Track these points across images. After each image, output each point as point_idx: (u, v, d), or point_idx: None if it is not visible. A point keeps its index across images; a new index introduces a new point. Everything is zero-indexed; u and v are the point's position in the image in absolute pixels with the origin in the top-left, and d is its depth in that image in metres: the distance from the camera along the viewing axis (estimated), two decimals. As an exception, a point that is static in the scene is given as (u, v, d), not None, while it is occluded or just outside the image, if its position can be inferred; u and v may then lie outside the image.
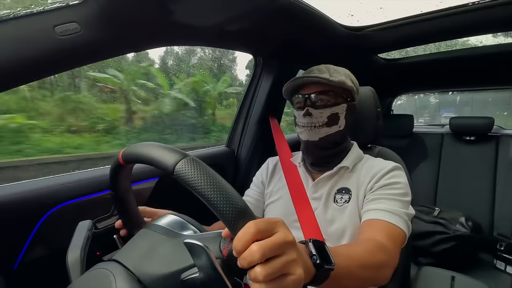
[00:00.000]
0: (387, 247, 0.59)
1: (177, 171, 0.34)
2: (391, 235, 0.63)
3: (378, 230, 0.63)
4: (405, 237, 0.66)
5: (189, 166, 0.34)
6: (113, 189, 0.52)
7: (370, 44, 1.35)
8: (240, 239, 0.31)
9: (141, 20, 0.67)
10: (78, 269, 0.46)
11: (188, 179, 0.34)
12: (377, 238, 0.61)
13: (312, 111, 0.75)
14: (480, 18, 1.06)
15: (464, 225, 1.57)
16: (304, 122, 0.77)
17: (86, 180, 0.81)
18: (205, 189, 0.33)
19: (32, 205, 0.69)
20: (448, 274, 0.95)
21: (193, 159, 0.35)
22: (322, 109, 0.75)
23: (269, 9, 0.83)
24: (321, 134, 0.76)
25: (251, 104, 1.32)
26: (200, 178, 0.33)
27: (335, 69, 0.79)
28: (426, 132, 2.13)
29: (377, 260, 0.55)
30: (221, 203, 0.32)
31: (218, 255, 0.37)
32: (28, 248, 0.68)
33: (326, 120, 0.75)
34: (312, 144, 0.79)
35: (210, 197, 0.33)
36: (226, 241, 0.38)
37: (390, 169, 0.75)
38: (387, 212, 0.66)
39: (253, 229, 0.31)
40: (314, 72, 0.78)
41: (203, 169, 0.34)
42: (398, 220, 0.65)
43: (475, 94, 4.04)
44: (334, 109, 0.76)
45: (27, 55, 0.56)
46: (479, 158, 1.85)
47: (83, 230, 0.52)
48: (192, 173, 0.34)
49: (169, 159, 0.36)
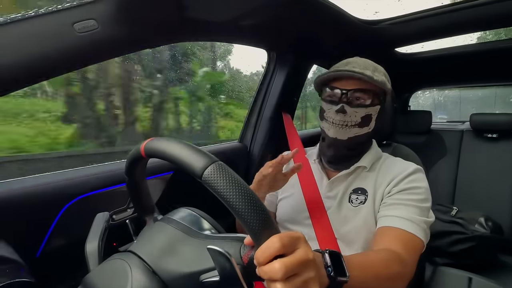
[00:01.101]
0: (404, 258, 0.57)
1: (205, 177, 0.34)
2: (408, 245, 0.61)
3: (394, 239, 0.61)
4: (423, 246, 0.64)
5: (218, 173, 0.34)
6: (128, 174, 0.52)
7: (387, 38, 1.31)
8: (264, 252, 0.32)
9: (156, 16, 0.68)
10: (96, 259, 0.48)
11: (216, 186, 0.34)
12: (394, 248, 0.59)
13: (347, 109, 0.71)
14: (503, 10, 1.00)
15: (484, 225, 1.51)
16: (336, 119, 0.73)
17: (104, 173, 0.83)
18: (233, 198, 0.33)
19: (53, 197, 0.72)
20: (465, 275, 0.92)
21: (221, 165, 0.35)
22: (357, 108, 0.71)
23: (283, 3, 0.82)
24: (351, 134, 0.73)
25: (264, 99, 1.31)
26: (228, 186, 0.33)
27: (375, 66, 0.75)
28: (445, 129, 2.06)
29: (393, 272, 0.54)
30: (247, 213, 0.33)
31: (238, 261, 0.38)
32: (50, 237, 0.71)
33: (359, 121, 0.72)
34: (339, 143, 0.75)
35: (237, 206, 0.33)
36: (247, 247, 0.39)
37: (411, 172, 0.72)
38: (404, 220, 0.64)
39: (277, 244, 0.32)
40: (355, 66, 0.72)
41: (232, 176, 0.34)
42: (416, 228, 0.63)
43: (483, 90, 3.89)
44: (369, 110, 0.72)
45: (47, 52, 0.58)
46: (501, 156, 1.78)
47: (101, 222, 0.54)
48: (220, 180, 0.34)
49: (197, 163, 0.35)
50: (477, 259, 1.48)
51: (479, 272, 0.94)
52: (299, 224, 0.80)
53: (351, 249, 0.72)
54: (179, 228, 0.46)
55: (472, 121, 1.89)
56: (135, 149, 0.46)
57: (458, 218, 1.58)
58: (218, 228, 0.48)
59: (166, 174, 0.98)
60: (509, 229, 1.63)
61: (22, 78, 0.57)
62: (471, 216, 1.57)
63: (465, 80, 2.14)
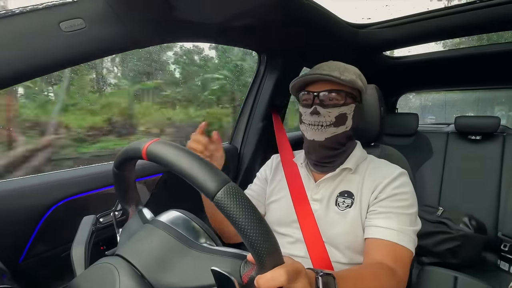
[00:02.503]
0: (396, 272, 0.59)
1: (217, 199, 0.33)
2: (400, 258, 0.63)
3: (387, 253, 0.63)
4: (412, 256, 0.66)
5: (231, 196, 0.33)
6: (118, 168, 0.50)
7: (376, 41, 1.34)
8: (268, 281, 0.34)
9: (145, 16, 0.67)
10: (82, 263, 0.47)
11: (228, 209, 0.33)
12: (386, 262, 0.61)
13: (320, 110, 0.73)
14: (488, 16, 1.04)
15: (468, 225, 1.55)
16: (311, 120, 0.75)
17: (90, 175, 0.82)
18: (244, 223, 0.33)
19: (37, 200, 0.70)
20: (451, 274, 0.94)
21: (234, 187, 0.34)
22: (330, 108, 0.73)
23: (273, 6, 0.82)
24: (327, 134, 0.74)
25: (254, 101, 1.32)
26: (240, 211, 0.33)
27: (346, 67, 0.77)
28: (431, 131, 2.11)
29: (386, 287, 0.56)
30: (257, 240, 0.33)
31: (238, 280, 0.38)
32: (33, 242, 0.69)
33: (334, 120, 0.73)
34: (317, 144, 0.76)
35: (247, 232, 0.33)
36: (247, 266, 0.39)
37: (396, 177, 0.73)
38: (395, 232, 0.65)
39: (283, 278, 0.34)
40: (324, 69, 0.75)
41: (244, 201, 0.34)
42: (407, 240, 0.65)
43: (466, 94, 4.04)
44: (343, 109, 0.73)
45: (32, 51, 0.56)
46: (484, 157, 1.83)
47: (87, 225, 0.53)
48: (233, 204, 0.33)
49: (210, 183, 0.34)
50: (462, 258, 1.52)
51: (464, 271, 0.97)
52: (287, 226, 0.81)
53: (340, 252, 0.73)
54: (173, 235, 0.45)
55: (456, 124, 1.94)
56: (134, 147, 0.42)
57: (444, 218, 1.62)
58: (215, 240, 0.48)
59: (155, 176, 0.97)
60: (492, 228, 1.68)
61: (4, 77, 0.56)
62: (456, 216, 1.61)
63: (450, 84, 2.21)
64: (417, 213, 0.71)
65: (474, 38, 1.74)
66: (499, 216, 1.70)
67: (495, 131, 1.84)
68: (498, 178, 1.76)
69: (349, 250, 0.72)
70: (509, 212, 1.66)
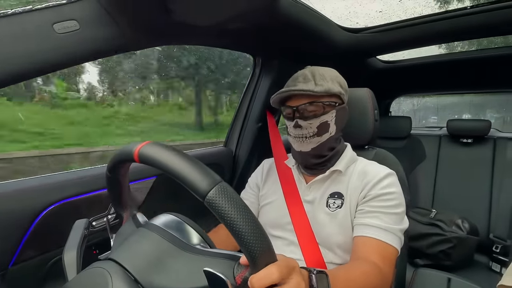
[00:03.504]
0: (382, 270, 0.61)
1: (209, 199, 0.33)
2: (385, 256, 0.65)
3: (373, 250, 0.65)
4: (397, 254, 0.68)
5: (222, 196, 0.33)
6: (110, 172, 0.49)
7: (369, 46, 1.36)
8: (260, 279, 0.34)
9: (140, 19, 0.67)
10: (74, 268, 0.46)
11: (219, 209, 0.33)
12: (372, 259, 0.63)
13: (302, 123, 0.74)
14: (478, 21, 1.06)
15: (461, 227, 1.57)
16: (295, 133, 0.77)
17: (83, 178, 0.81)
18: (236, 222, 0.33)
19: (28, 203, 0.69)
20: (444, 276, 0.95)
21: (225, 187, 0.34)
22: (311, 120, 0.74)
23: (269, 10, 0.83)
24: (313, 144, 0.76)
25: (249, 104, 1.32)
26: (232, 210, 0.33)
27: (322, 74, 0.76)
28: (423, 134, 2.14)
29: (373, 284, 0.58)
30: (249, 239, 0.33)
31: (231, 281, 0.37)
32: (24, 246, 0.68)
33: (316, 130, 0.74)
34: (305, 154, 0.78)
35: (240, 231, 0.33)
36: (241, 267, 0.38)
37: (384, 177, 0.74)
38: (382, 230, 0.67)
39: (275, 275, 0.34)
40: (300, 80, 0.76)
41: (236, 201, 0.33)
42: (392, 238, 0.67)
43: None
44: (323, 118, 0.74)
45: (25, 52, 0.55)
46: (476, 160, 1.86)
47: (80, 229, 0.52)
48: (224, 204, 0.33)
49: (201, 183, 0.34)
50: (455, 260, 1.54)
51: (457, 272, 0.98)
52: (281, 229, 0.81)
53: (332, 253, 0.74)
54: (166, 237, 0.44)
55: (449, 127, 1.97)
56: (126, 150, 0.42)
57: (437, 220, 1.64)
58: (207, 239, 0.47)
59: (149, 179, 0.96)
60: (484, 230, 1.70)
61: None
62: (449, 218, 1.63)
63: (442, 88, 2.24)
64: (404, 213, 0.73)
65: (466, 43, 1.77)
66: (491, 218, 1.72)
67: (486, 134, 1.87)
68: (490, 180, 1.79)
69: (342, 250, 0.73)
70: (500, 214, 1.69)
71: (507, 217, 1.64)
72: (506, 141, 1.82)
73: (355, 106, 0.91)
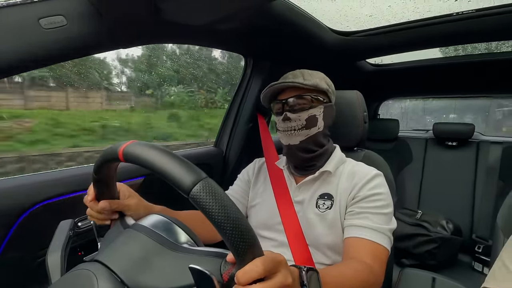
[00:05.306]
0: (374, 269, 0.62)
1: (193, 195, 0.33)
2: (376, 256, 0.65)
3: (364, 250, 0.66)
4: (388, 254, 0.69)
5: (207, 191, 0.33)
6: (97, 173, 0.48)
7: (359, 49, 1.38)
8: (246, 273, 0.33)
9: (129, 16, 0.66)
10: (58, 270, 0.45)
11: (204, 204, 0.32)
12: (364, 259, 0.63)
13: (291, 115, 0.76)
14: (465, 27, 1.09)
15: (445, 227, 1.62)
16: (284, 126, 0.78)
17: (67, 178, 0.79)
18: (220, 218, 0.32)
19: (10, 204, 0.67)
20: (429, 275, 0.97)
21: (210, 182, 0.34)
22: (299, 113, 0.76)
23: (260, 11, 0.83)
24: (301, 137, 0.77)
25: (240, 104, 1.32)
26: (216, 206, 0.32)
27: (310, 73, 0.81)
28: (410, 137, 2.18)
29: (365, 284, 0.58)
30: (233, 234, 0.32)
31: (218, 279, 0.37)
32: (6, 247, 0.66)
33: (305, 123, 0.76)
34: (294, 148, 0.79)
35: (224, 227, 0.32)
36: (228, 265, 0.38)
37: (372, 178, 0.75)
38: (372, 231, 0.68)
39: (260, 268, 0.33)
40: (289, 77, 0.80)
41: (220, 196, 0.33)
42: (383, 238, 0.68)
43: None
44: (312, 111, 0.77)
45: (9, 47, 0.54)
46: (460, 163, 1.91)
47: (64, 230, 0.51)
48: (208, 199, 0.32)
49: (186, 179, 0.34)
50: (439, 260, 1.57)
51: (442, 272, 1.00)
52: (271, 229, 0.81)
53: (322, 254, 0.74)
54: (153, 237, 0.44)
55: (434, 130, 2.02)
56: (111, 150, 0.42)
57: (422, 221, 1.68)
58: (195, 239, 0.47)
59: (137, 179, 0.95)
60: (467, 231, 1.75)
61: None
62: (434, 219, 1.67)
63: (429, 92, 2.29)
64: (392, 213, 0.74)
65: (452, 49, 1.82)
66: (473, 219, 1.77)
67: (470, 138, 1.92)
68: (473, 182, 1.84)
69: (331, 251, 0.74)
70: (482, 215, 1.74)
71: (489, 218, 1.69)
72: (488, 145, 1.88)
73: (344, 108, 0.93)
